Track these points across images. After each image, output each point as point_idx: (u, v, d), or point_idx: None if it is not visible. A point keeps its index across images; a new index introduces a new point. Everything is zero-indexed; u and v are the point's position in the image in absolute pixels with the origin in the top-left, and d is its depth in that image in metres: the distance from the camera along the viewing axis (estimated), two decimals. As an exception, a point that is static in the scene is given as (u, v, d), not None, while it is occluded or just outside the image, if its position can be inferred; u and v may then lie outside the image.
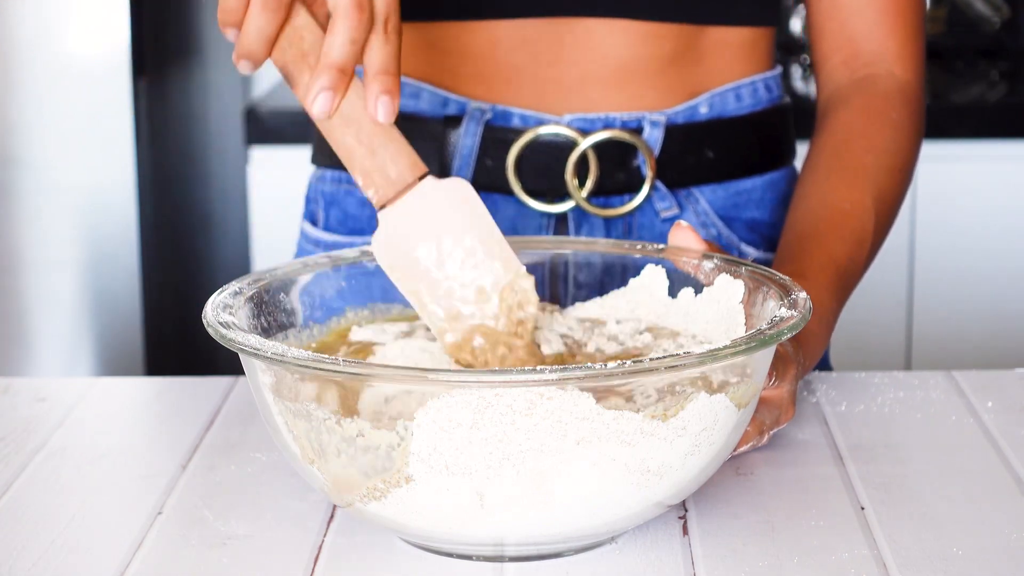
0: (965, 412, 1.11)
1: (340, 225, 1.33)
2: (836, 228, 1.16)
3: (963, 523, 0.93)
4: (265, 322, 0.97)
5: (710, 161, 1.28)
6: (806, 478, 1.00)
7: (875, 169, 1.21)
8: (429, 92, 1.28)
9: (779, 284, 0.96)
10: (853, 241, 1.16)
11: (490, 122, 1.26)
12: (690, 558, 0.89)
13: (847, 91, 1.26)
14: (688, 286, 1.03)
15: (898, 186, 1.23)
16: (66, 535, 0.93)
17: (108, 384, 1.21)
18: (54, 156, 2.16)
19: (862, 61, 1.26)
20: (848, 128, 1.23)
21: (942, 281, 2.41)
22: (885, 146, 1.22)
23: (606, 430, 0.83)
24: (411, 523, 0.87)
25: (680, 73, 1.26)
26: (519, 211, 1.27)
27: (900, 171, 1.23)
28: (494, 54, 1.25)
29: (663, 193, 1.27)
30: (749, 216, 1.31)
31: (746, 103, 1.29)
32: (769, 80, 1.31)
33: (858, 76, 1.26)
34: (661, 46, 1.25)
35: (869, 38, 1.26)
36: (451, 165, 1.27)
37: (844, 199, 1.18)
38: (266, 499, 0.97)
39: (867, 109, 1.24)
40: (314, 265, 1.02)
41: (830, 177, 1.20)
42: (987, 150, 2.39)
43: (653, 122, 1.26)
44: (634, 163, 1.26)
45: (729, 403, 0.88)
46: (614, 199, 1.27)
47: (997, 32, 2.80)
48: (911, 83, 1.26)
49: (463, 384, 0.82)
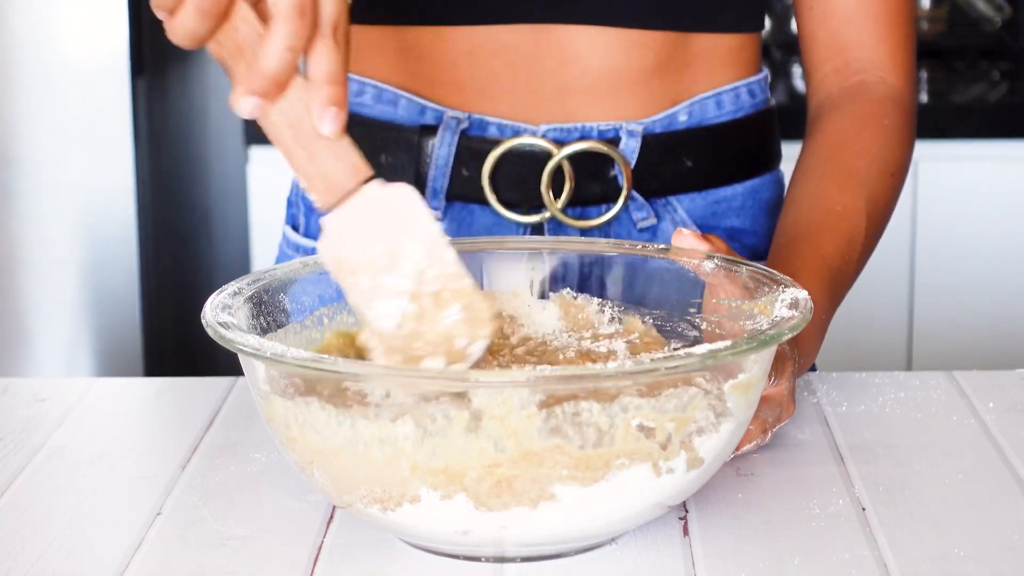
0: (966, 412, 1.11)
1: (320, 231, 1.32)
2: (828, 230, 1.16)
3: (964, 523, 0.93)
4: (264, 322, 0.97)
5: (688, 170, 1.27)
6: (806, 478, 1.00)
7: (867, 173, 1.21)
8: (407, 100, 1.27)
9: (779, 284, 0.96)
10: (845, 243, 1.16)
11: (466, 132, 1.25)
12: (690, 558, 0.89)
13: (839, 97, 1.26)
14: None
15: (890, 190, 1.23)
16: (66, 535, 0.93)
17: (108, 384, 1.21)
18: (54, 156, 2.16)
19: (854, 68, 1.26)
20: (841, 133, 1.23)
21: (942, 281, 2.41)
22: (878, 151, 1.22)
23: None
24: (411, 524, 0.87)
25: (662, 82, 1.25)
26: (495, 221, 1.26)
27: (892, 175, 1.23)
28: (471, 62, 1.24)
29: (640, 203, 1.26)
30: (729, 225, 1.30)
31: (727, 110, 1.28)
32: (753, 85, 1.30)
33: (850, 83, 1.26)
34: (644, 55, 1.24)
35: (861, 46, 1.26)
36: (427, 174, 1.26)
37: (836, 201, 1.18)
38: (266, 499, 0.97)
39: (859, 114, 1.24)
40: (313, 265, 1.02)
41: (822, 180, 1.20)
42: (987, 150, 2.39)
43: (630, 132, 1.24)
44: (610, 173, 1.25)
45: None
46: (591, 210, 1.26)
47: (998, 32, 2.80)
48: (903, 90, 1.26)
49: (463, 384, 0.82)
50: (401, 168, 1.27)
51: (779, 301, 0.93)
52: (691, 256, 1.02)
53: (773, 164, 1.34)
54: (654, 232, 1.27)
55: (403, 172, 1.27)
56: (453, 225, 1.27)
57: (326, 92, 0.88)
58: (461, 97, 1.25)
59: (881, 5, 1.25)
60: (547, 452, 0.83)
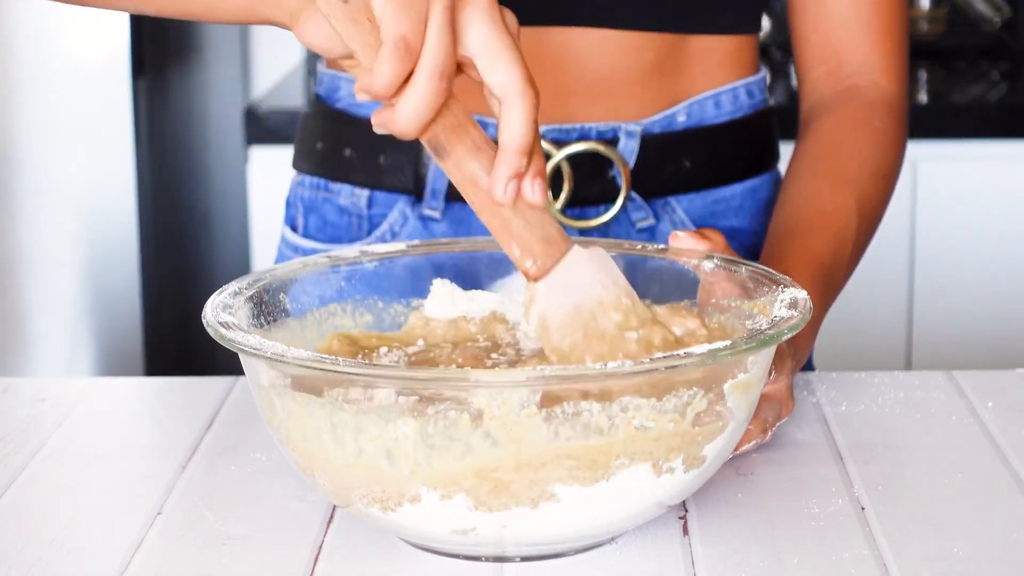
0: (965, 412, 1.11)
1: (319, 232, 1.32)
2: (819, 228, 1.16)
3: (963, 523, 0.93)
4: (265, 322, 0.97)
5: (687, 170, 1.27)
6: (806, 478, 1.00)
7: (859, 174, 1.21)
8: None
9: (778, 284, 0.96)
10: (836, 241, 1.16)
11: None
12: (690, 558, 0.89)
13: (831, 100, 1.26)
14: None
15: (881, 192, 1.23)
16: (66, 535, 0.93)
17: (108, 384, 1.21)
18: (54, 156, 2.16)
19: (846, 71, 1.26)
20: (833, 134, 1.24)
21: (942, 281, 2.41)
22: (869, 152, 1.23)
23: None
24: (411, 523, 0.87)
25: (661, 83, 1.26)
26: None
27: (884, 177, 1.23)
28: None
29: (639, 203, 1.26)
30: (727, 224, 1.30)
31: (726, 110, 1.28)
32: (752, 85, 1.30)
33: (842, 86, 1.26)
34: (643, 56, 1.24)
35: (854, 50, 1.26)
36: (427, 177, 1.26)
37: (827, 201, 1.18)
38: (266, 499, 0.97)
39: (851, 117, 1.24)
40: (313, 265, 1.02)
41: (814, 180, 1.21)
42: (987, 150, 2.39)
43: (629, 132, 1.25)
44: (609, 174, 1.25)
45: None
46: (589, 210, 1.26)
47: (997, 32, 2.80)
48: (895, 93, 1.26)
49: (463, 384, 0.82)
50: (400, 169, 1.27)
51: (778, 301, 0.93)
52: (691, 255, 1.02)
53: (771, 164, 1.34)
54: (653, 232, 1.27)
55: (402, 172, 1.27)
56: (452, 226, 1.27)
57: (532, 164, 0.87)
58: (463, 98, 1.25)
59: (874, 9, 1.26)
60: (547, 452, 0.83)
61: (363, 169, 1.29)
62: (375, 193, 1.29)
